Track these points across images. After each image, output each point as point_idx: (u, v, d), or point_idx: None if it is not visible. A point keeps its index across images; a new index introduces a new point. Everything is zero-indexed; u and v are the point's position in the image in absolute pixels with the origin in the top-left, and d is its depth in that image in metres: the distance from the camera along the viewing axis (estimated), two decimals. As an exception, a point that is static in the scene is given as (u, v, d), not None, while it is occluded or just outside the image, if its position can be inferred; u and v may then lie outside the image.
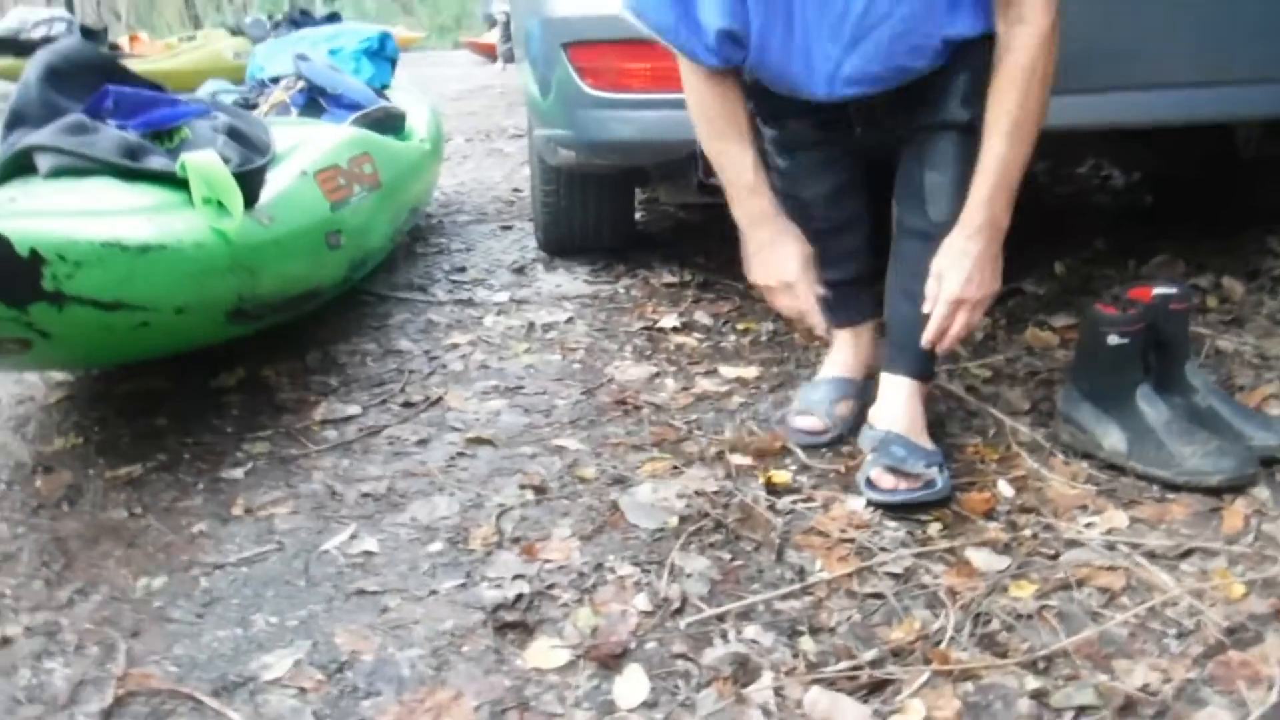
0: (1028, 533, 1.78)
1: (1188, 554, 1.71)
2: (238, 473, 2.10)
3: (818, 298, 2.01)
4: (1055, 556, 1.72)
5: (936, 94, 1.89)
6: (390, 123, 3.51)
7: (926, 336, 1.91)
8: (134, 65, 3.46)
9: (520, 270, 3.42)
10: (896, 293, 2.03)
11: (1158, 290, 2.05)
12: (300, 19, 7.84)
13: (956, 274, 1.85)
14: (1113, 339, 2.00)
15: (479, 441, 2.20)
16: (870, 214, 2.17)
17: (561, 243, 3.46)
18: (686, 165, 2.70)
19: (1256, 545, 1.72)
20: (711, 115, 1.95)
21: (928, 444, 1.95)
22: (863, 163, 2.15)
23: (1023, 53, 1.77)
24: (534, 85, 2.80)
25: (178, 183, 2.16)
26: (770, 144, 2.10)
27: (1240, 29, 2.37)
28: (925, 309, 1.90)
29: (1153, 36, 2.35)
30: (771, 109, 2.03)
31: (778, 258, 2.01)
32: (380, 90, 3.90)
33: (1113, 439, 1.98)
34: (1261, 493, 1.86)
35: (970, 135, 1.88)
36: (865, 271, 2.20)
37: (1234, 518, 1.80)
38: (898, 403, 1.99)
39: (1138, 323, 2.00)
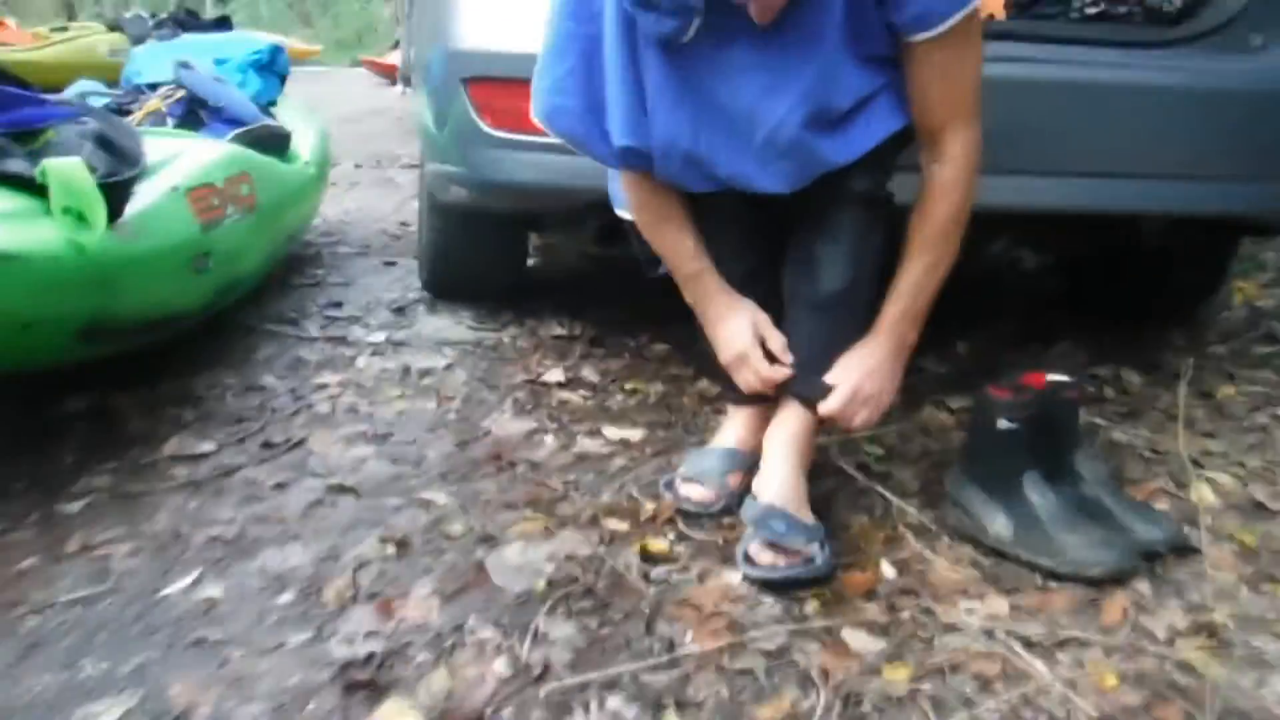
0: (907, 615, 1.84)
1: (1064, 643, 1.78)
2: (75, 506, 2.08)
3: (774, 363, 2.09)
4: (932, 640, 1.77)
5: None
6: (273, 142, 3.51)
7: (849, 423, 2.04)
8: (-4, 54, 3.42)
9: (400, 310, 3.43)
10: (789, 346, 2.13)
11: (1051, 377, 2.15)
12: (186, 20, 7.78)
13: (872, 380, 2.02)
14: (1003, 423, 2.08)
15: (341, 489, 2.22)
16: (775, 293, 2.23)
17: (447, 284, 3.48)
18: (584, 213, 2.75)
19: (1132, 637, 1.80)
20: (647, 205, 2.07)
21: (809, 519, 2.01)
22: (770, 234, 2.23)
23: (944, 191, 1.93)
24: (429, 117, 2.83)
25: (36, 189, 2.13)
26: None
27: (1150, 126, 2.48)
28: (833, 403, 2.03)
29: (1065, 125, 2.46)
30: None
31: (729, 333, 2.10)
32: (266, 107, 3.90)
33: (999, 525, 2.05)
34: (1142, 585, 1.95)
35: (867, 207, 1.98)
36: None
37: (1113, 609, 1.88)
38: (781, 474, 2.04)
39: (1028, 408, 2.08)
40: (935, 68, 1.88)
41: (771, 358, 2.08)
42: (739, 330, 2.09)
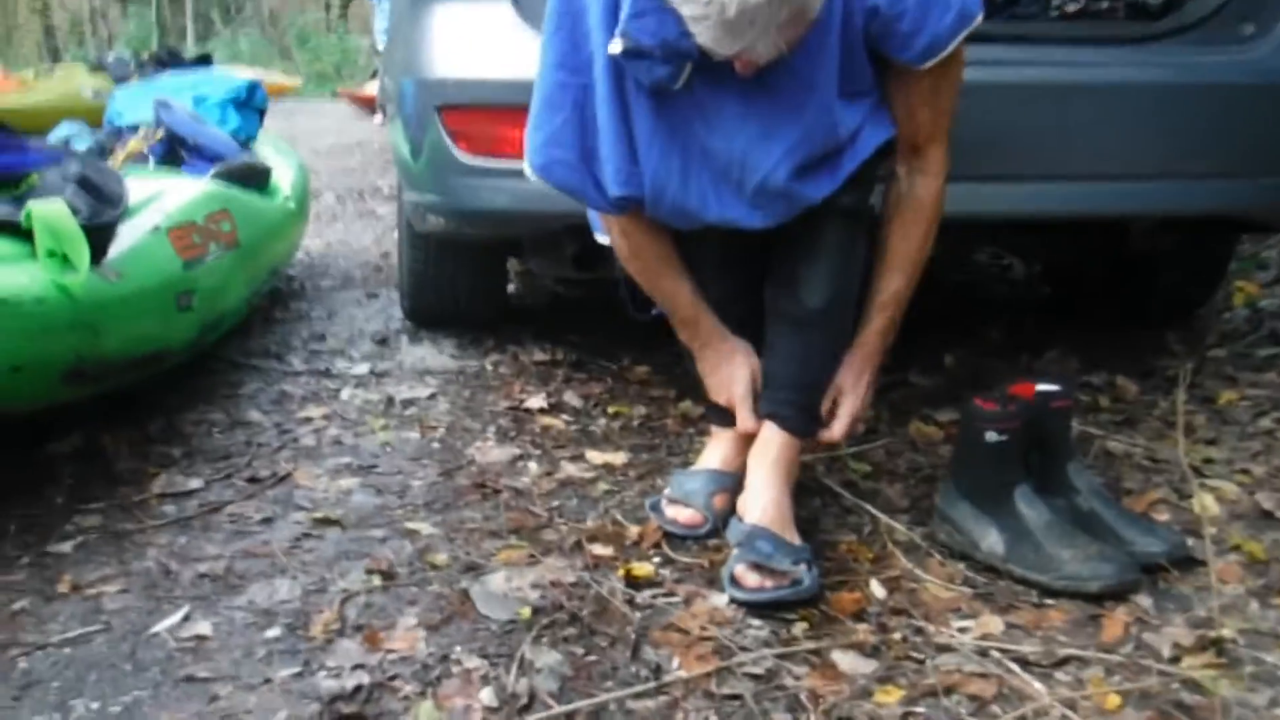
0: (898, 635, 1.85)
1: (1063, 662, 1.77)
2: (66, 546, 2.09)
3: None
4: (925, 661, 1.78)
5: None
6: (253, 177, 3.53)
7: (831, 435, 2.13)
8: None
9: (383, 341, 3.46)
10: (768, 365, 2.15)
11: (1040, 387, 2.14)
12: (168, 59, 7.81)
13: (853, 395, 2.10)
14: (991, 435, 2.08)
15: (326, 522, 2.23)
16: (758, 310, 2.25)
17: (428, 313, 3.49)
18: (561, 238, 2.77)
19: (1135, 655, 1.79)
20: (640, 253, 2.11)
21: (796, 539, 2.02)
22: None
23: (928, 204, 2.00)
24: (404, 146, 2.85)
25: (21, 233, 2.18)
26: None
27: (1138, 126, 2.47)
28: (828, 435, 2.14)
29: (1049, 128, 2.45)
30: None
31: (724, 379, 2.17)
32: (245, 142, 3.92)
33: (990, 540, 2.05)
34: (1143, 600, 1.94)
35: (850, 222, 2.01)
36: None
37: (1113, 626, 1.87)
38: (766, 495, 2.06)
39: (1016, 419, 2.08)
40: (927, 91, 1.93)
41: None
42: (735, 379, 2.15)
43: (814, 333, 2.07)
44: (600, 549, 2.13)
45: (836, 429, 2.12)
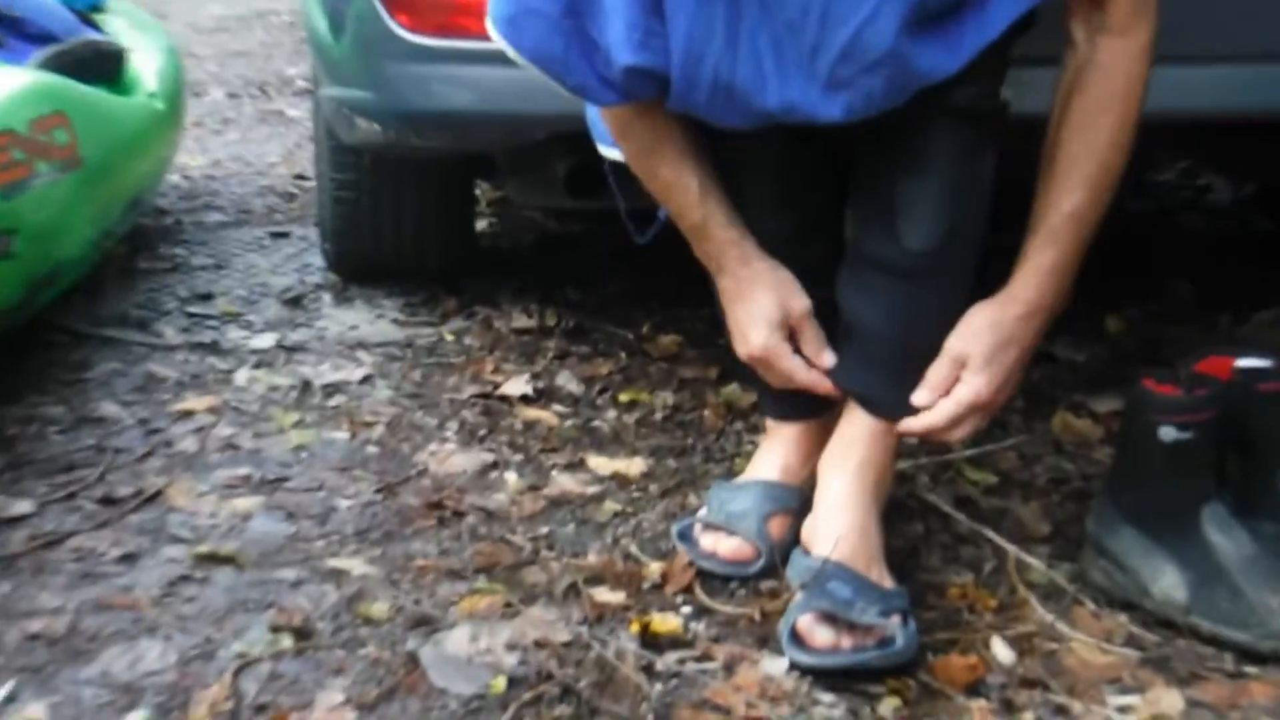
0: (1030, 717, 1.88)
1: (1272, 757, 1.81)
2: None
3: (811, 363, 2.16)
4: (1069, 755, 1.82)
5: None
6: (100, 66, 3.53)
7: (921, 424, 2.07)
8: None
9: (296, 302, 3.50)
10: (848, 323, 2.15)
11: (1242, 363, 2.14)
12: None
13: (988, 371, 2.01)
14: (1168, 432, 2.08)
15: (215, 559, 2.27)
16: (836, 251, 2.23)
17: (361, 262, 3.53)
18: (550, 152, 2.80)
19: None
20: (631, 129, 2.10)
21: (887, 581, 2.06)
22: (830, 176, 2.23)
23: (1121, 77, 1.94)
24: (319, 19, 2.87)
25: None
26: None
27: None
28: (921, 400, 2.06)
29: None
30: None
31: (747, 317, 2.15)
32: (87, 14, 3.90)
33: (1167, 582, 2.08)
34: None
35: (973, 126, 2.00)
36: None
37: (1344, 704, 1.90)
38: (846, 517, 2.09)
39: (1207, 409, 2.08)
40: None
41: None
42: (760, 314, 2.14)
43: (918, 287, 2.06)
44: (606, 594, 2.17)
45: (947, 419, 2.05)
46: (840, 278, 2.14)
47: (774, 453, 2.34)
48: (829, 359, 2.15)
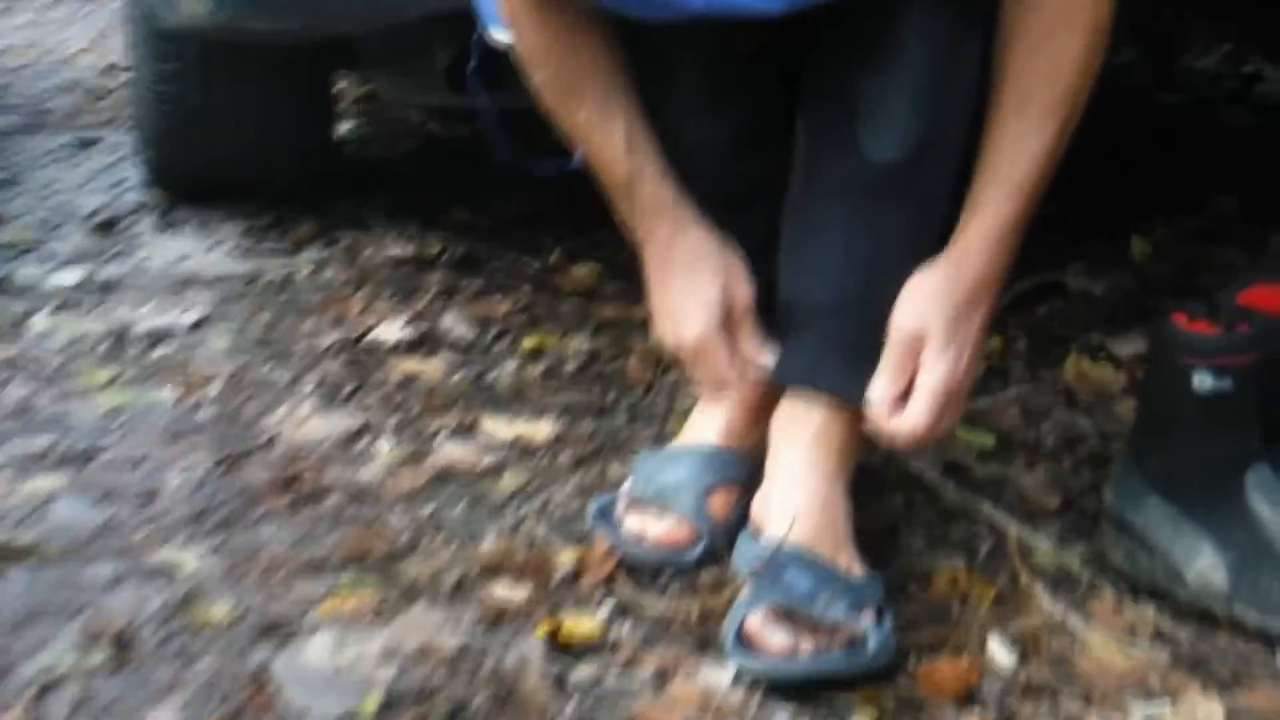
0: (1035, 732, 1.90)
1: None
2: None
3: (751, 362, 2.15)
4: (1083, 780, 1.82)
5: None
6: None
7: (899, 430, 2.02)
8: None
9: (109, 227, 3.49)
10: (796, 272, 2.13)
11: None
12: None
13: (953, 348, 1.98)
14: (1203, 380, 2.07)
15: (8, 553, 2.24)
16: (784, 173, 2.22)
17: (191, 176, 3.53)
18: (429, 38, 2.79)
19: None
20: (551, 54, 2.06)
21: (857, 568, 2.05)
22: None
23: None
24: None
25: None
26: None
27: None
28: (880, 392, 2.01)
29: None
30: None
31: (681, 299, 2.14)
32: None
33: (1203, 564, 2.08)
34: None
35: (941, 12, 1.99)
36: (766, 284, 2.24)
37: None
38: (804, 489, 2.08)
39: (1250, 350, 2.08)
40: None
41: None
42: (700, 299, 2.12)
43: (884, 208, 2.04)
44: (506, 590, 2.15)
45: (910, 418, 2.02)
46: (784, 227, 2.14)
47: (715, 410, 2.33)
48: (770, 357, 2.15)
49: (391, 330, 2.94)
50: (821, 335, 2.08)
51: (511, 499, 2.42)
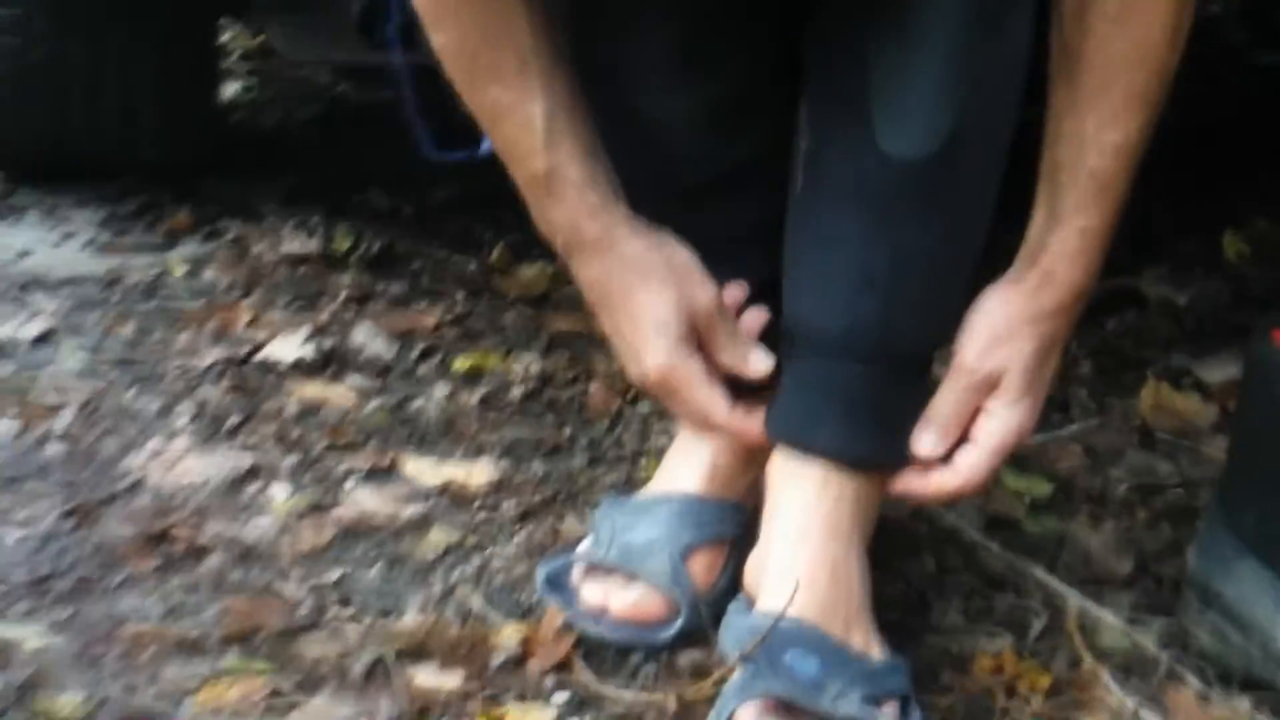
0: None
1: None
2: None
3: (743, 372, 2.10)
4: None
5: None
6: None
7: (935, 488, 2.04)
8: None
9: (-75, 216, 3.49)
10: (796, 295, 2.11)
11: None
12: None
13: (1029, 398, 1.98)
14: None
15: None
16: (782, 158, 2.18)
17: (36, 151, 3.53)
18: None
19: None
20: (468, 24, 2.01)
21: (876, 649, 2.03)
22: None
23: None
24: None
25: None
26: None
27: None
28: (928, 447, 2.01)
29: None
30: None
31: (630, 326, 2.09)
32: None
33: (1313, 645, 2.09)
34: None
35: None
36: (765, 282, 2.22)
37: None
38: (806, 550, 2.06)
39: None
40: None
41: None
42: (652, 322, 2.06)
43: (906, 217, 2.01)
44: (434, 675, 2.13)
45: (963, 476, 2.02)
46: (786, 236, 2.11)
47: (698, 450, 2.31)
48: (760, 361, 2.10)
49: (289, 347, 2.91)
50: (823, 377, 2.05)
51: (440, 561, 2.40)
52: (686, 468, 2.30)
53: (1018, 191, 1.98)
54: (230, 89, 3.73)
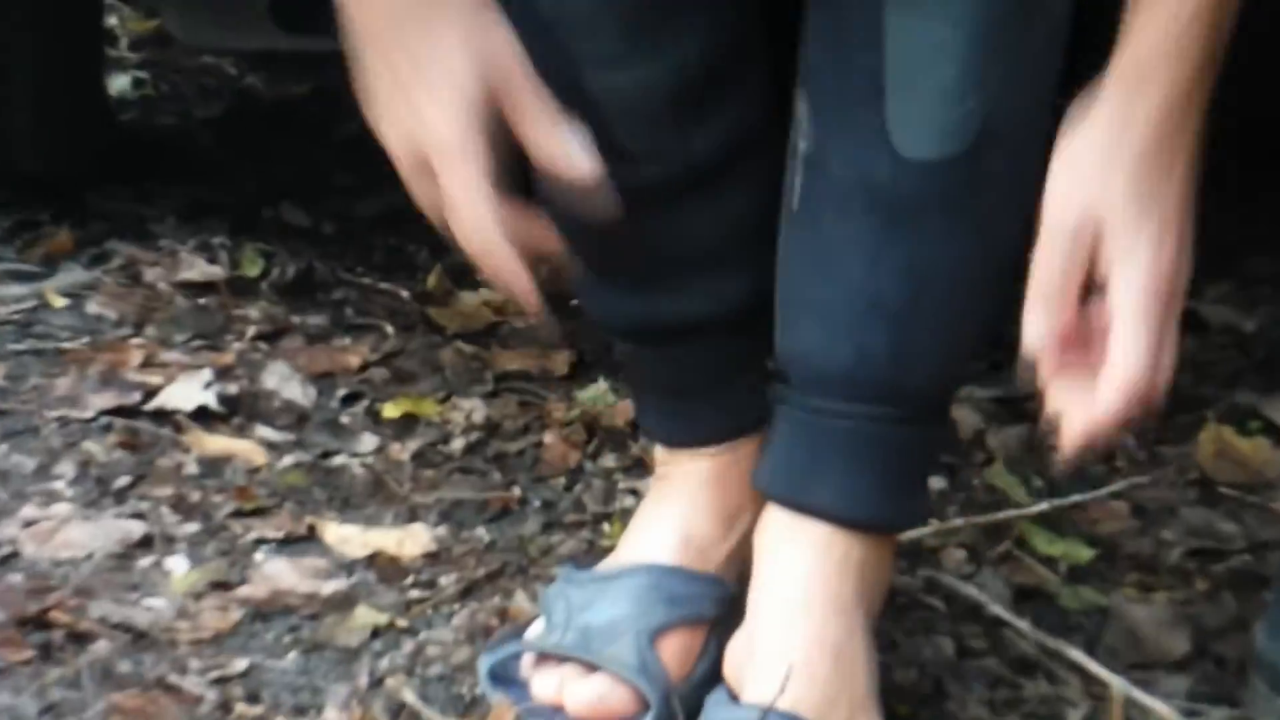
0: None
1: None
2: None
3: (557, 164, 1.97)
4: None
5: None
6: None
7: (1108, 404, 1.87)
8: None
9: None
10: (793, 319, 2.12)
11: None
12: None
13: (1143, 235, 1.76)
14: None
15: None
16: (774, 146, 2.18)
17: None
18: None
19: None
20: None
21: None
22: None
23: None
24: None
25: None
26: None
27: None
28: (1036, 334, 1.86)
29: None
30: None
31: (404, 59, 1.91)
32: None
33: None
34: None
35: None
36: (745, 310, 2.24)
37: None
38: (800, 631, 2.06)
39: None
40: None
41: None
42: (448, 67, 1.88)
43: (924, 228, 2.01)
44: (355, 795, 2.14)
45: (1118, 364, 1.75)
46: (779, 251, 2.11)
47: (670, 512, 2.31)
48: (577, 150, 1.92)
49: (188, 393, 2.92)
50: (823, 423, 2.05)
51: (366, 646, 2.40)
52: (656, 533, 2.30)
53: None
54: (119, 83, 3.73)
